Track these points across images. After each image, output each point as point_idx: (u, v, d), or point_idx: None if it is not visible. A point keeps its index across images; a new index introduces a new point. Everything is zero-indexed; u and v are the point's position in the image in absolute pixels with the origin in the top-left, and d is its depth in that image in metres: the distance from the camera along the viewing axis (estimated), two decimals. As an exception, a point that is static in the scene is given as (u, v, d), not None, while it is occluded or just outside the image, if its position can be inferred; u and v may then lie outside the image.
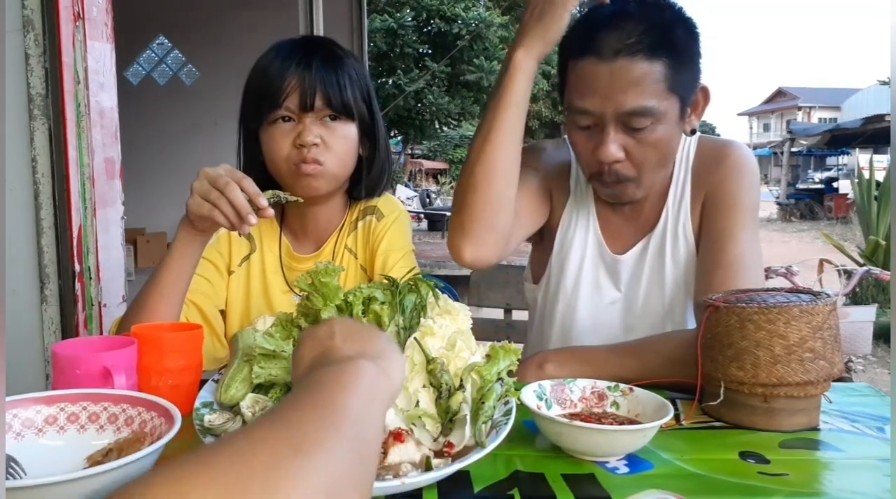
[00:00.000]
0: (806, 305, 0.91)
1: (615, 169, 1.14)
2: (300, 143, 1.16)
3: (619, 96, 1.08)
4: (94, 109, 1.61)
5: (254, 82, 1.21)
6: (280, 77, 1.16)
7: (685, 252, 1.26)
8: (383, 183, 1.31)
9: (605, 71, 1.08)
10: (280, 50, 1.20)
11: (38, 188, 1.53)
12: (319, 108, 1.17)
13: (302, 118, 1.17)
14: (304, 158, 1.16)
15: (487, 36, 11.17)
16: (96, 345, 0.95)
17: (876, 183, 7.15)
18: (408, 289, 0.92)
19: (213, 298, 1.26)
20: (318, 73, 1.16)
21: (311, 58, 1.17)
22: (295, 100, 1.16)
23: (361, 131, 1.23)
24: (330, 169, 1.19)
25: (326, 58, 1.19)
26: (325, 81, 1.16)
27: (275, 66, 1.18)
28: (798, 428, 0.92)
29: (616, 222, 1.32)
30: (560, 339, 1.34)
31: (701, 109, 1.20)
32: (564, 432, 0.81)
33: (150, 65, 5.61)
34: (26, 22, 1.50)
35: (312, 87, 1.16)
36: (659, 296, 1.27)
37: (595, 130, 1.13)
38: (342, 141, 1.20)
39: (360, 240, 1.30)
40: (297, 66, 1.16)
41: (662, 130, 1.12)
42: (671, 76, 1.09)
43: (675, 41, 1.10)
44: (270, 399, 0.83)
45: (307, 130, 1.16)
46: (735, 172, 1.24)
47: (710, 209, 1.24)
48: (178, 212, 1.09)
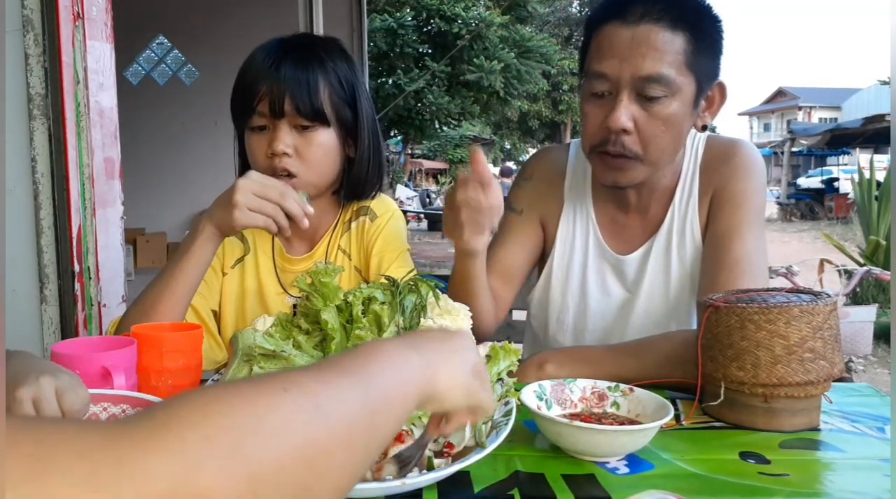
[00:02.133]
0: (806, 305, 0.91)
1: (622, 140, 1.12)
2: (271, 152, 1.15)
3: (638, 60, 1.08)
4: (93, 109, 1.60)
5: (235, 84, 1.19)
6: (253, 81, 1.15)
7: (692, 250, 1.26)
8: (374, 184, 1.29)
9: (627, 34, 1.09)
10: (262, 50, 1.18)
11: (37, 188, 1.53)
12: (290, 114, 1.14)
13: (275, 125, 1.15)
14: (275, 169, 1.15)
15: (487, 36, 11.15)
16: (96, 345, 0.95)
17: (876, 183, 7.14)
18: (408, 289, 0.92)
19: (207, 299, 1.25)
20: (287, 77, 1.13)
21: (283, 61, 1.14)
22: (265, 105, 1.14)
23: (345, 133, 1.21)
24: (304, 179, 1.17)
25: (300, 60, 1.15)
26: (294, 86, 1.13)
27: (251, 69, 1.16)
28: (798, 428, 0.92)
29: (622, 223, 1.31)
30: (574, 344, 1.34)
31: (716, 107, 1.20)
32: (564, 432, 0.81)
33: (150, 65, 5.61)
34: (26, 22, 1.50)
35: (281, 94, 1.13)
36: (664, 295, 1.27)
37: (608, 99, 1.13)
38: (317, 149, 1.17)
39: (353, 241, 1.29)
40: (268, 69, 1.14)
41: (676, 106, 1.11)
42: (691, 53, 1.10)
43: (698, 20, 1.12)
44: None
45: (278, 140, 1.14)
46: (743, 171, 1.24)
47: (716, 207, 1.24)
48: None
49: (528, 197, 1.36)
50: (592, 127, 1.16)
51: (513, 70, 11.18)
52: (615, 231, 1.32)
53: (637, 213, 1.30)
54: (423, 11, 11.42)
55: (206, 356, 1.11)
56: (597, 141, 1.16)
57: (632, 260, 1.30)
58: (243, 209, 1.03)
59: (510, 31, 11.67)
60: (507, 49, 11.23)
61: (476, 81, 11.06)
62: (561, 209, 1.34)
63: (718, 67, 1.17)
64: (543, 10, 19.03)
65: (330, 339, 0.86)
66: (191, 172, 5.44)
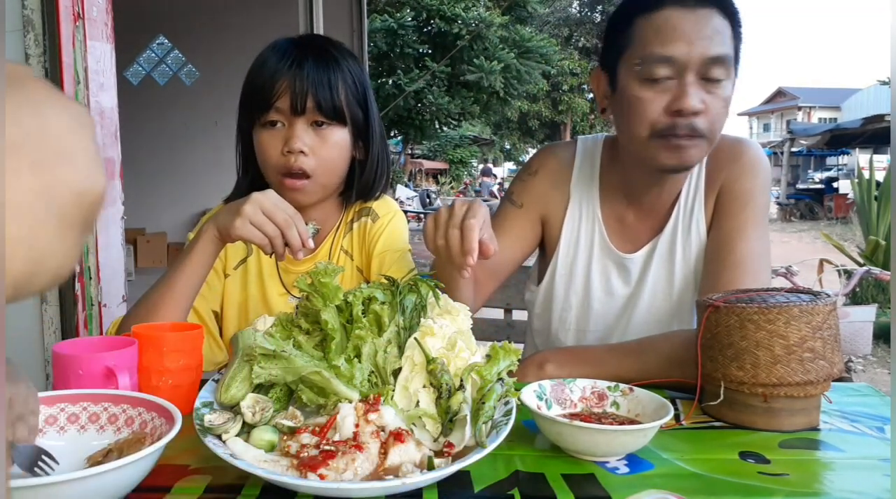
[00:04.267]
0: (806, 305, 0.91)
1: (692, 122, 1.11)
2: (287, 149, 1.14)
3: (706, 42, 1.10)
4: (94, 109, 1.61)
5: (248, 81, 1.19)
6: (272, 77, 1.14)
7: (696, 248, 1.26)
8: (379, 186, 1.29)
9: (691, 18, 1.11)
10: (276, 49, 1.18)
11: (38, 188, 1.53)
12: (310, 111, 1.15)
13: (292, 122, 1.15)
14: (291, 167, 1.15)
15: (487, 36, 11.15)
16: (97, 345, 0.95)
17: (876, 183, 7.15)
18: (408, 289, 0.92)
19: (208, 300, 1.25)
20: (310, 74, 1.14)
21: (304, 59, 1.15)
22: (286, 102, 1.14)
23: (356, 134, 1.21)
24: (318, 180, 1.17)
25: (321, 59, 1.16)
26: (317, 84, 1.14)
27: (268, 66, 1.16)
28: (798, 428, 0.92)
29: (628, 221, 1.31)
30: (576, 343, 1.34)
31: None
32: (564, 431, 0.81)
33: (150, 65, 5.62)
34: (26, 22, 1.50)
35: (303, 90, 1.13)
36: (668, 293, 1.27)
37: (668, 84, 1.12)
38: (332, 148, 1.18)
39: (355, 241, 1.30)
40: (289, 66, 1.14)
41: (730, 89, 1.14)
42: (732, 39, 1.13)
43: (734, 9, 1.15)
44: (270, 399, 0.83)
45: (295, 137, 1.14)
46: (750, 170, 1.24)
47: (722, 206, 1.24)
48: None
49: (530, 192, 1.36)
50: (653, 112, 1.13)
51: (513, 70, 11.18)
52: (621, 229, 1.32)
53: (645, 210, 1.30)
54: (423, 12, 11.41)
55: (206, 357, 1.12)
56: (662, 125, 1.13)
57: (636, 258, 1.30)
58: (246, 221, 1.02)
59: (510, 31, 11.67)
60: (506, 49, 11.22)
61: (476, 82, 11.05)
62: (566, 207, 1.34)
63: (739, 64, 1.19)
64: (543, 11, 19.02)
65: (330, 339, 0.86)
66: (191, 172, 5.44)
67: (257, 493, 0.72)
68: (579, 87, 26.90)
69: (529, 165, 1.40)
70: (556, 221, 1.35)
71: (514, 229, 1.34)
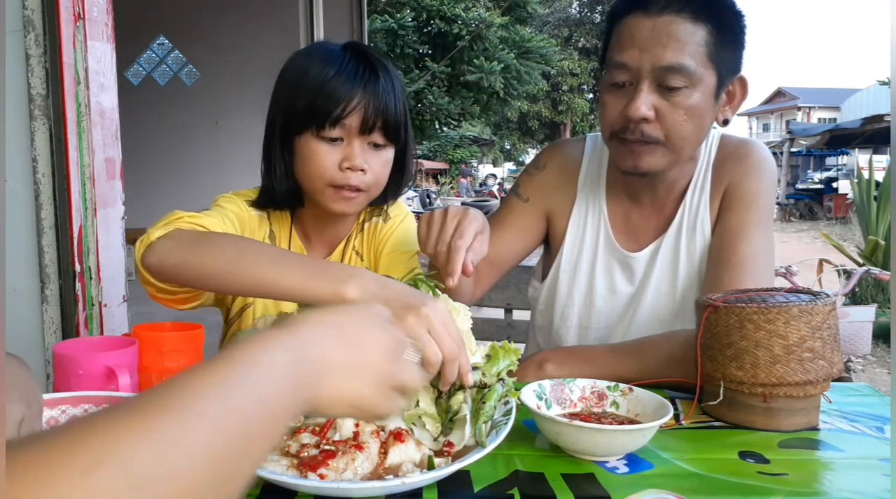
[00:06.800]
0: (805, 305, 0.91)
1: (641, 128, 1.12)
2: (348, 166, 1.11)
3: (658, 50, 1.09)
4: (94, 110, 1.61)
5: (302, 90, 1.11)
6: (346, 94, 1.09)
7: (701, 248, 1.26)
8: (400, 191, 1.28)
9: (648, 25, 1.10)
10: (332, 59, 1.12)
11: (38, 188, 1.54)
12: (375, 132, 1.12)
13: (351, 140, 1.12)
14: (349, 183, 1.12)
15: (487, 36, 11.14)
16: (97, 345, 0.95)
17: (875, 183, 7.14)
18: (408, 289, 0.92)
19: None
20: (382, 97, 1.11)
21: (375, 78, 1.11)
22: (356, 120, 1.10)
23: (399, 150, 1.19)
24: (369, 194, 1.16)
25: (387, 79, 1.13)
26: (386, 108, 1.11)
27: (337, 81, 1.10)
28: (797, 428, 0.92)
29: (634, 220, 1.32)
30: (577, 341, 1.34)
31: (737, 102, 1.21)
32: (564, 431, 0.81)
33: (151, 65, 5.61)
34: (26, 22, 1.50)
35: (377, 112, 1.10)
36: (671, 293, 1.27)
37: (627, 89, 1.13)
38: (385, 166, 1.16)
39: (366, 242, 1.30)
40: (363, 86, 1.10)
41: (697, 97, 1.12)
42: (713, 45, 1.10)
43: (721, 13, 1.12)
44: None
45: (358, 155, 1.11)
46: (756, 171, 1.25)
47: (726, 206, 1.24)
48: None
49: (537, 187, 1.36)
50: (611, 115, 1.16)
51: (513, 71, 11.17)
52: (626, 228, 1.32)
53: (650, 209, 1.30)
54: (423, 12, 11.41)
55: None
56: (617, 127, 1.16)
57: (641, 257, 1.30)
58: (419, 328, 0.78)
59: (510, 31, 11.65)
60: (506, 50, 11.21)
61: (476, 82, 11.04)
62: (573, 203, 1.34)
63: (741, 61, 1.17)
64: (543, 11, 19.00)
65: (330, 339, 0.86)
66: (192, 172, 5.44)
67: (257, 493, 0.72)
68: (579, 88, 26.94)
69: (538, 160, 1.40)
70: (562, 216, 1.35)
71: (518, 223, 1.34)
